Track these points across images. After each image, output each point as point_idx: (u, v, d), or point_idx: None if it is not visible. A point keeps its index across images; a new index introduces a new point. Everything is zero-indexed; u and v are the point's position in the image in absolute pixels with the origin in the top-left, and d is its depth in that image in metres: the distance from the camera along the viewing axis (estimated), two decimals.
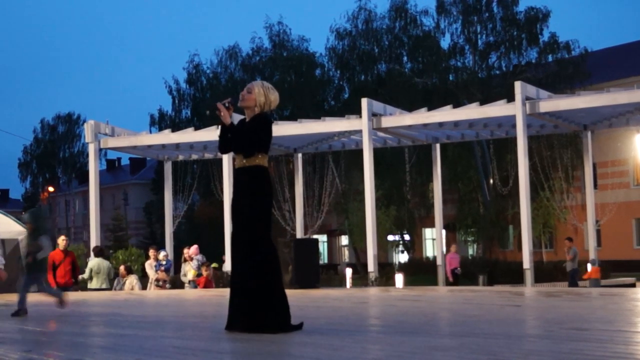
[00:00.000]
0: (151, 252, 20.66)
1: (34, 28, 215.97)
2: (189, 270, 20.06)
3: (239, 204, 7.19)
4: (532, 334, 7.32)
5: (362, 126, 24.27)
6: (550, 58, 46.32)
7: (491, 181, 42.99)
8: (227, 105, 7.24)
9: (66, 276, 17.80)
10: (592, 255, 25.69)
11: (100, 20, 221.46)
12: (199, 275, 19.72)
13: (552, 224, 42.58)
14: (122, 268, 20.24)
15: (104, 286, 18.85)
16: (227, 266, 24.39)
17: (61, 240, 18.30)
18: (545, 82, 40.01)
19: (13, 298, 15.48)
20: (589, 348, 5.85)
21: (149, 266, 20.38)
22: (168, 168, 29.25)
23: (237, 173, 7.27)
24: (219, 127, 7.38)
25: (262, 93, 7.28)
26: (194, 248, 20.37)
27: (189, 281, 19.96)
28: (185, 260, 20.25)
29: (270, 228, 7.25)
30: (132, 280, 19.57)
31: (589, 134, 26.09)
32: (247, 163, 7.17)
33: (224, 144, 7.35)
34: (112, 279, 19.62)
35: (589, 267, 24.72)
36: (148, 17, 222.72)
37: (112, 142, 27.27)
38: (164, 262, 20.11)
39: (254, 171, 7.17)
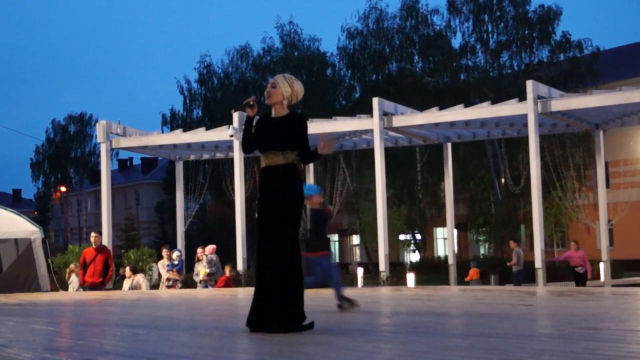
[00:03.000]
0: (164, 252, 20.69)
1: (46, 29, 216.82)
2: (200, 270, 20.09)
3: (272, 202, 7.10)
4: (545, 333, 7.31)
5: (373, 126, 24.27)
6: (562, 57, 46.18)
7: (503, 180, 42.93)
8: (251, 103, 7.26)
9: (94, 276, 17.08)
10: (604, 255, 25.63)
11: (112, 20, 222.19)
12: (210, 274, 19.73)
13: (564, 223, 42.49)
14: (127, 269, 20.25)
15: None
16: (239, 266, 24.41)
17: (92, 237, 17.52)
18: (557, 81, 39.91)
19: (26, 297, 15.53)
20: (602, 347, 5.83)
21: (162, 266, 20.42)
22: (179, 168, 29.29)
23: (267, 171, 7.21)
24: (244, 126, 7.38)
25: (286, 84, 7.28)
26: (210, 247, 20.32)
27: (200, 281, 19.99)
28: (199, 260, 20.27)
29: (299, 226, 7.25)
30: (139, 279, 19.61)
31: (601, 132, 26.02)
32: (280, 161, 7.13)
33: (250, 143, 7.33)
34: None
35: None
36: (159, 18, 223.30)
37: (124, 142, 27.33)
38: (176, 262, 20.14)
39: (288, 168, 7.16)
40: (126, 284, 19.70)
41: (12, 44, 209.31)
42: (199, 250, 20.49)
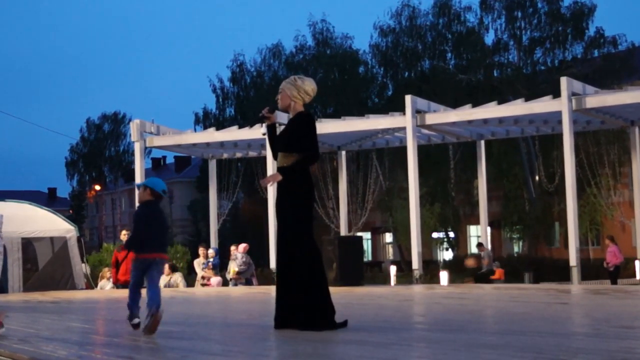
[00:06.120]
0: (201, 251, 20.74)
1: (80, 28, 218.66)
2: (231, 268, 20.16)
3: (279, 204, 7.23)
4: (580, 332, 7.25)
5: (406, 123, 24.19)
6: (596, 53, 45.75)
7: (537, 178, 42.62)
8: (265, 115, 7.37)
9: (127, 274, 17.21)
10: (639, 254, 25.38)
11: (144, 19, 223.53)
12: (239, 272, 19.80)
13: (599, 221, 42.07)
14: (166, 266, 20.36)
15: None
16: (272, 264, 24.49)
17: (122, 235, 18.00)
18: (592, 77, 39.49)
19: (62, 295, 15.68)
20: (638, 346, 5.77)
21: (197, 264, 20.51)
22: (212, 166, 29.38)
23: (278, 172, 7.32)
24: (266, 133, 7.48)
25: (292, 88, 7.37)
26: (243, 246, 20.37)
27: (230, 279, 20.05)
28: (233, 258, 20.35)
29: (311, 226, 7.25)
30: (177, 278, 19.71)
31: (637, 129, 25.72)
32: (285, 163, 7.20)
33: (273, 148, 7.48)
34: None
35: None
36: (192, 17, 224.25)
37: (158, 141, 27.47)
38: (211, 260, 20.23)
39: (287, 171, 7.21)
40: (162, 280, 19.81)
41: (47, 44, 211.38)
42: (233, 248, 20.55)
